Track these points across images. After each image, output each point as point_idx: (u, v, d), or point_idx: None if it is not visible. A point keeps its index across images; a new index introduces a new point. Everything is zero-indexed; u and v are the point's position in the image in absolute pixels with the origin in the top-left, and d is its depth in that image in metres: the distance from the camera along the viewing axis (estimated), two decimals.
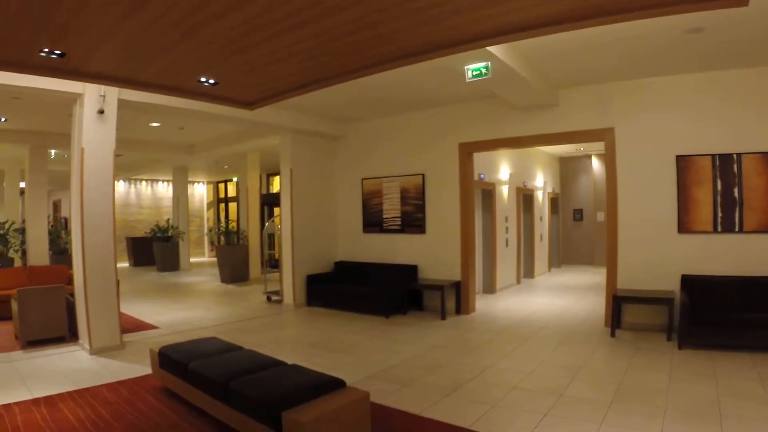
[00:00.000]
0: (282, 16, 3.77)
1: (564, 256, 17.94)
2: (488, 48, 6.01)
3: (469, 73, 6.61)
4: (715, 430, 4.46)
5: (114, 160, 7.40)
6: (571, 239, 18.05)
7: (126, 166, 18.07)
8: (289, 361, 5.22)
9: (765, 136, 7.68)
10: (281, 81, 5.64)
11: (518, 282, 13.43)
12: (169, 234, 18.24)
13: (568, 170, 18.09)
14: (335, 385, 4.39)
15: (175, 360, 5.26)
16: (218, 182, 23.98)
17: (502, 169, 12.47)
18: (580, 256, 17.70)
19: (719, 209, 7.84)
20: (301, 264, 10.78)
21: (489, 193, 11.78)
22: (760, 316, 6.88)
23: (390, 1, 3.58)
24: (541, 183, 15.62)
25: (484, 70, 6.51)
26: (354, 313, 9.87)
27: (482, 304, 10.55)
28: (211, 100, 6.31)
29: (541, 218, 15.62)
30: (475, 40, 4.48)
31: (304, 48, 4.53)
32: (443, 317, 9.23)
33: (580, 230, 17.78)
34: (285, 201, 10.79)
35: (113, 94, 7.29)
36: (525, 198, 14.42)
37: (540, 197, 15.55)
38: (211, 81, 5.41)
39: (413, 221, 10.40)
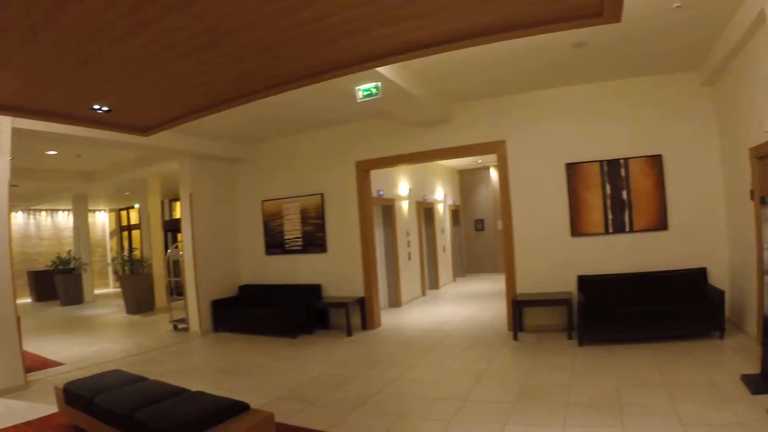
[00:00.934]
0: (179, 40, 3.74)
1: (468, 265, 18.40)
2: (379, 70, 6.18)
3: (360, 93, 6.74)
4: (616, 419, 4.72)
5: (9, 190, 7.11)
6: (474, 249, 18.53)
7: (24, 197, 17.20)
8: (196, 388, 5.17)
9: (649, 141, 8.24)
10: (176, 106, 5.56)
11: (423, 294, 13.63)
12: (72, 266, 17.46)
13: (467, 182, 18.59)
14: (239, 408, 4.40)
15: (80, 395, 5.11)
16: (120, 209, 23.15)
17: (401, 185, 12.70)
18: (484, 265, 18.19)
19: (609, 212, 8.30)
20: (206, 289, 10.59)
21: (389, 208, 11.98)
22: (655, 309, 7.33)
23: (285, 23, 3.62)
24: (442, 196, 15.95)
25: (374, 90, 6.65)
26: (260, 336, 9.78)
27: (388, 318, 10.68)
28: (105, 127, 6.10)
29: (443, 230, 15.95)
30: (369, 60, 4.56)
31: (199, 73, 4.49)
32: (349, 334, 9.29)
33: (482, 239, 18.29)
34: (186, 226, 10.58)
35: (7, 123, 6.99)
36: (426, 211, 14.70)
37: (441, 210, 15.88)
38: (105, 108, 5.28)
39: (314, 241, 10.45)
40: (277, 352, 8.51)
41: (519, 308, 8.37)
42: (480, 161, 16.67)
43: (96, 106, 5.23)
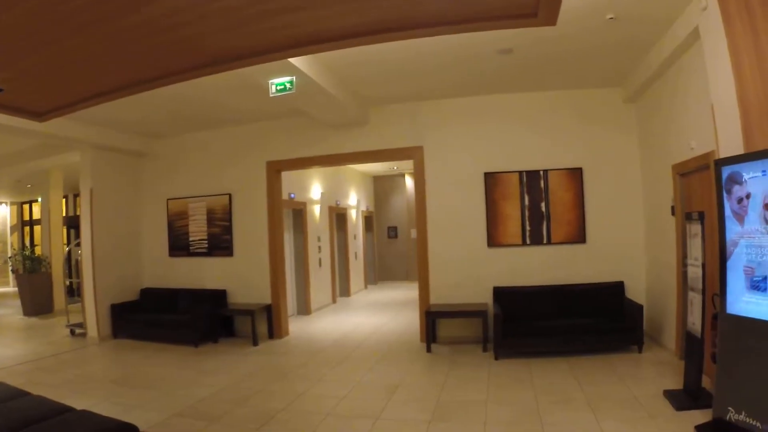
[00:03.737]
0: (70, 11, 3.24)
1: (380, 273, 18.16)
2: (295, 63, 5.83)
3: (273, 87, 6.34)
4: None
5: None
6: (386, 256, 18.33)
7: None
8: (88, 402, 4.65)
9: (570, 154, 8.23)
10: (72, 89, 4.99)
11: (334, 301, 13.27)
12: None
13: (382, 189, 18.38)
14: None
15: None
16: (23, 203, 21.56)
17: (314, 188, 12.30)
18: (396, 272, 18.01)
19: (527, 223, 8.20)
20: (105, 292, 9.77)
21: (300, 212, 11.55)
22: (571, 322, 7.27)
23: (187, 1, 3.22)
24: (355, 201, 15.67)
25: (288, 85, 6.27)
26: (162, 344, 9.11)
27: (297, 326, 10.24)
28: None
29: (355, 236, 15.66)
30: (278, 50, 4.21)
31: (96, 51, 3.99)
32: (255, 343, 8.79)
33: (395, 247, 18.11)
34: (85, 223, 9.72)
35: None
36: (338, 217, 14.37)
37: (354, 216, 15.58)
38: None
39: (220, 243, 9.89)
40: (179, 361, 7.95)
41: (432, 319, 8.12)
42: (395, 168, 16.47)
43: None
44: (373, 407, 5.56)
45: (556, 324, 7.28)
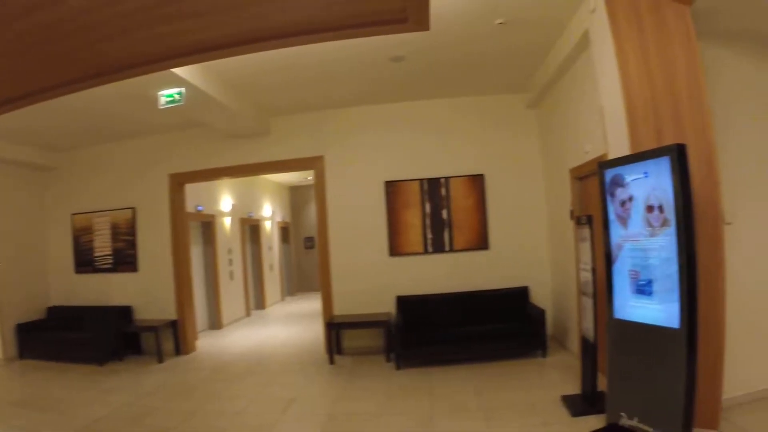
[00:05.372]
0: None
1: (298, 284, 17.94)
2: (182, 74, 5.67)
3: (162, 99, 6.15)
4: None
5: None
6: (304, 267, 18.13)
7: None
8: None
9: (472, 161, 8.30)
10: None
11: (248, 314, 12.99)
12: None
13: (298, 199, 18.19)
14: None
15: None
16: None
17: (224, 200, 12.03)
18: (314, 283, 17.74)
19: (429, 231, 8.20)
20: (9, 311, 9.22)
21: (209, 225, 11.26)
22: (474, 329, 7.31)
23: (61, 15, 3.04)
24: (270, 212, 15.44)
25: (177, 96, 6.10)
26: (67, 363, 8.67)
27: (206, 341, 9.98)
28: None
29: (270, 248, 15.41)
30: (160, 60, 4.05)
31: None
32: (160, 360, 8.50)
33: (312, 257, 17.88)
34: None
35: None
36: (251, 228, 14.11)
37: (269, 227, 15.34)
38: None
39: (125, 258, 9.53)
40: (82, 381, 7.59)
41: (336, 331, 8.03)
42: (310, 178, 16.26)
43: None
44: (265, 422, 5.44)
45: (460, 331, 7.31)
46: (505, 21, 5.47)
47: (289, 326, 11.39)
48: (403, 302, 7.97)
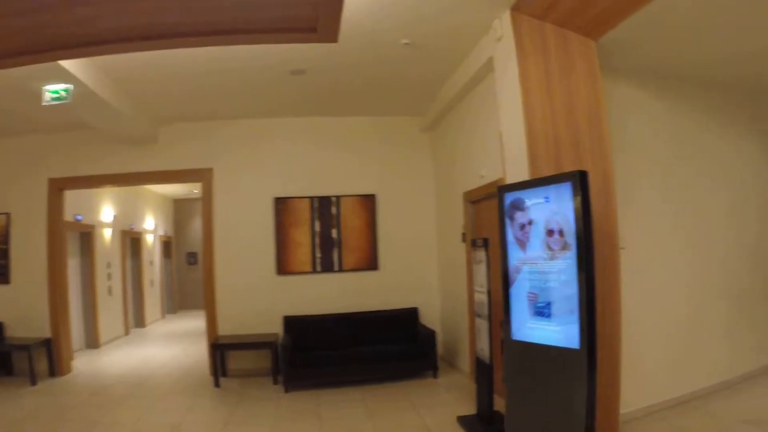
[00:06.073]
0: None
1: (180, 301, 17.27)
2: (72, 70, 5.28)
3: (47, 95, 5.70)
4: None
5: None
6: (186, 283, 17.50)
7: None
8: None
9: (364, 180, 8.34)
10: None
11: (127, 333, 12.31)
12: None
13: (182, 212, 17.58)
14: None
15: None
16: None
17: (105, 211, 11.39)
18: (196, 301, 17.10)
19: (318, 250, 8.10)
20: None
21: (88, 236, 10.63)
22: (364, 350, 7.21)
23: None
24: (152, 225, 14.82)
25: (63, 93, 5.66)
26: None
27: (83, 361, 9.33)
28: None
29: (151, 262, 14.77)
30: (43, 50, 3.79)
31: None
32: (33, 382, 7.79)
33: (195, 274, 17.31)
34: None
35: None
36: (132, 241, 13.47)
37: (150, 240, 14.72)
38: None
39: None
40: None
41: (221, 351, 7.69)
42: (195, 191, 15.77)
43: None
44: None
45: (349, 352, 7.20)
46: (411, 42, 5.46)
47: (171, 346, 10.89)
48: (290, 322, 7.76)
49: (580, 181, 3.91)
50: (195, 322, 14.12)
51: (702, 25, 4.71)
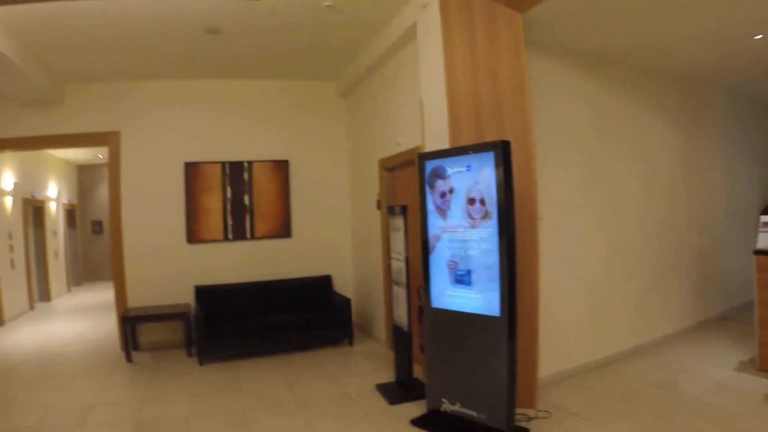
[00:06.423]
0: None
1: (86, 273, 16.61)
2: None
3: None
4: None
5: None
6: (92, 254, 16.82)
7: None
8: None
9: (277, 146, 8.15)
10: None
11: (32, 308, 11.70)
12: None
13: (87, 179, 16.77)
14: None
15: None
16: None
17: (5, 178, 10.75)
18: (103, 272, 16.54)
19: (229, 217, 7.92)
20: None
21: None
22: (279, 319, 7.12)
23: None
24: (55, 193, 14.10)
25: None
26: None
27: None
28: None
29: (55, 233, 14.07)
30: None
31: None
32: None
33: (101, 244, 16.68)
34: None
35: None
36: (35, 210, 12.75)
37: (54, 209, 14.02)
38: None
39: None
40: None
41: (131, 324, 7.30)
42: (101, 156, 15.04)
43: None
44: None
45: (263, 322, 7.07)
46: (333, 4, 5.32)
47: (80, 320, 10.43)
48: (202, 292, 7.56)
49: (502, 151, 3.97)
50: (103, 294, 13.63)
51: (628, 9, 4.82)
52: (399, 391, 5.28)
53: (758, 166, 9.00)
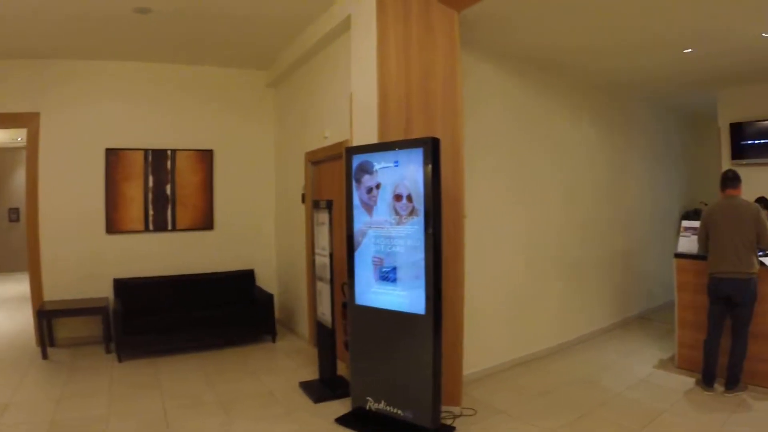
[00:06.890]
0: None
1: (1, 262, 15.85)
2: None
3: None
4: None
5: None
6: (8, 243, 16.06)
7: None
8: None
9: (202, 134, 7.91)
10: None
11: None
12: None
13: (3, 163, 16.01)
14: None
15: None
16: None
17: None
18: (19, 262, 15.76)
19: (151, 207, 7.63)
20: None
21: None
22: (201, 315, 6.90)
23: None
24: None
25: None
26: None
27: None
28: None
29: None
30: None
31: None
32: None
33: (17, 232, 15.93)
34: None
35: None
36: None
37: None
38: None
39: None
40: None
41: (48, 319, 6.92)
42: (20, 138, 14.34)
43: None
44: None
45: (184, 317, 6.82)
46: None
47: None
48: (121, 285, 7.24)
49: (432, 148, 3.94)
50: (17, 286, 12.99)
51: (561, 15, 4.87)
52: (323, 388, 5.19)
53: (679, 173, 9.33)
